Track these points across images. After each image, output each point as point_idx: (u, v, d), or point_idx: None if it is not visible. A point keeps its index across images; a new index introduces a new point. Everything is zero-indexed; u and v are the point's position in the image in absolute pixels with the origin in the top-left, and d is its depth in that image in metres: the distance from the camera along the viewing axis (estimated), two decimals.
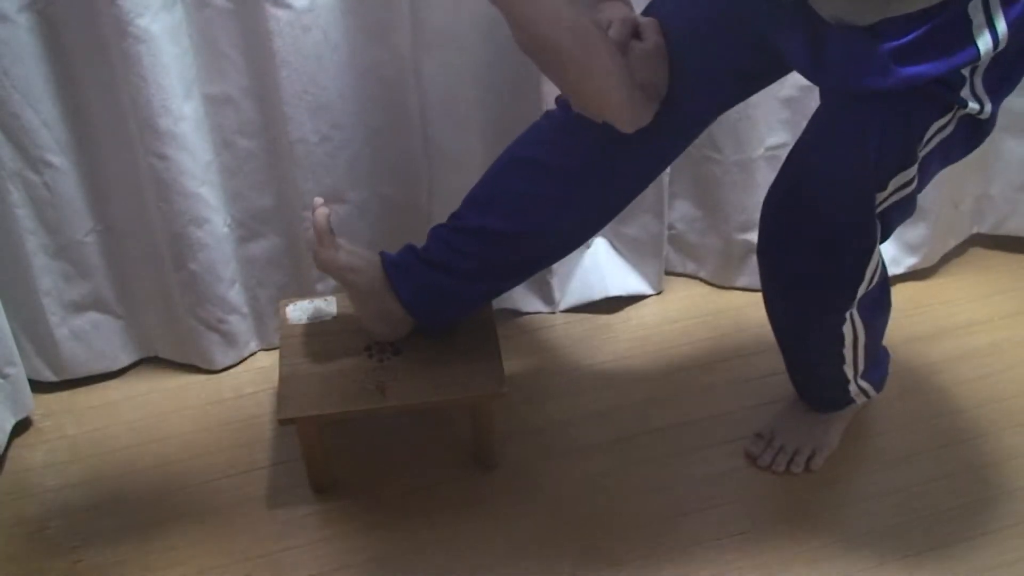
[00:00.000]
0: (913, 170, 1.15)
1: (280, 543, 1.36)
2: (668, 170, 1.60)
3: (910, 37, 1.02)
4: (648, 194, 1.55)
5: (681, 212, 1.74)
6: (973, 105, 1.09)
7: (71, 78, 1.38)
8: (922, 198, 1.26)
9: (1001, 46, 1.03)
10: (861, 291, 1.26)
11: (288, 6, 1.35)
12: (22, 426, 1.55)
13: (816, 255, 1.24)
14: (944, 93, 1.08)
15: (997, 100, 1.11)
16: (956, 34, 1.03)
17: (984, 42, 1.03)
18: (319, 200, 1.32)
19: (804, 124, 1.59)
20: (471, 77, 1.48)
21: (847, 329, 1.31)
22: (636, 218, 1.67)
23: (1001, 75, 1.09)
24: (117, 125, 1.42)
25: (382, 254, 1.38)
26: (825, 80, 1.14)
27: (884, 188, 1.16)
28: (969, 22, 1.02)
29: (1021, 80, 1.13)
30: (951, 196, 1.73)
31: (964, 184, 1.75)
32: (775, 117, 1.59)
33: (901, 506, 1.38)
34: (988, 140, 1.17)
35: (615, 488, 1.42)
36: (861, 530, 1.35)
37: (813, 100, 1.21)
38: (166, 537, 1.37)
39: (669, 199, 1.69)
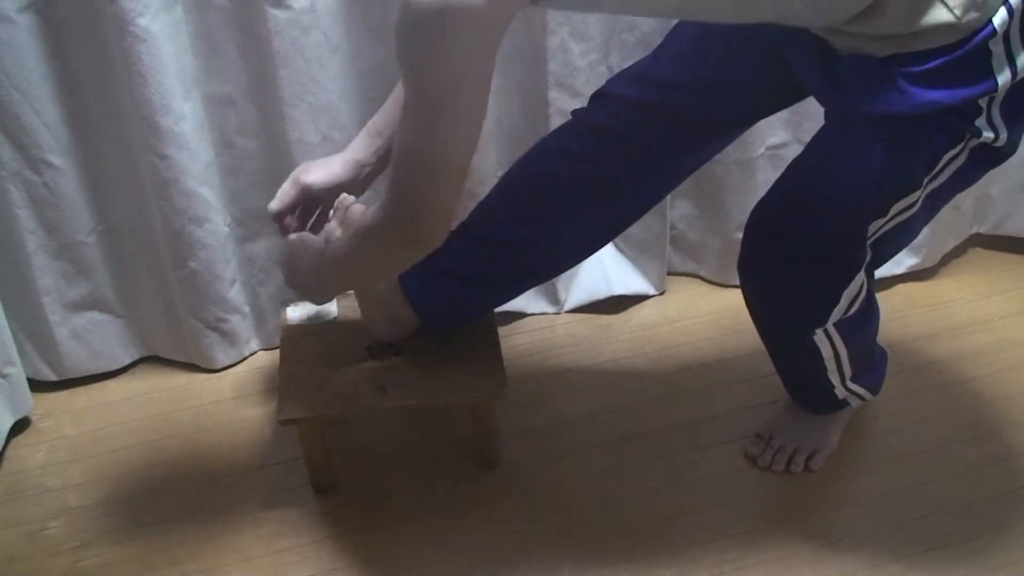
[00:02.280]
0: (916, 195, 1.13)
1: (280, 543, 1.36)
2: None
3: (928, 65, 1.01)
4: None
5: (682, 211, 1.74)
6: (988, 134, 1.08)
7: (71, 78, 1.38)
8: None
9: (1020, 76, 1.02)
10: (836, 315, 1.24)
11: (288, 7, 1.35)
12: (21, 426, 1.55)
13: (795, 272, 1.22)
14: (958, 122, 1.07)
15: (1016, 127, 1.10)
16: (975, 66, 1.02)
17: (1003, 75, 1.02)
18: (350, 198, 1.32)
19: (804, 124, 1.60)
20: None
21: (821, 343, 1.29)
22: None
23: (1020, 103, 1.07)
24: (117, 125, 1.41)
25: None
26: (838, 103, 1.12)
27: (885, 215, 1.15)
28: (989, 54, 1.01)
29: None
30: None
31: None
32: (776, 117, 1.58)
33: (901, 506, 1.38)
34: None
35: (615, 488, 1.42)
36: (861, 530, 1.35)
37: (813, 100, 1.21)
38: (166, 537, 1.37)
39: (671, 199, 1.69)
